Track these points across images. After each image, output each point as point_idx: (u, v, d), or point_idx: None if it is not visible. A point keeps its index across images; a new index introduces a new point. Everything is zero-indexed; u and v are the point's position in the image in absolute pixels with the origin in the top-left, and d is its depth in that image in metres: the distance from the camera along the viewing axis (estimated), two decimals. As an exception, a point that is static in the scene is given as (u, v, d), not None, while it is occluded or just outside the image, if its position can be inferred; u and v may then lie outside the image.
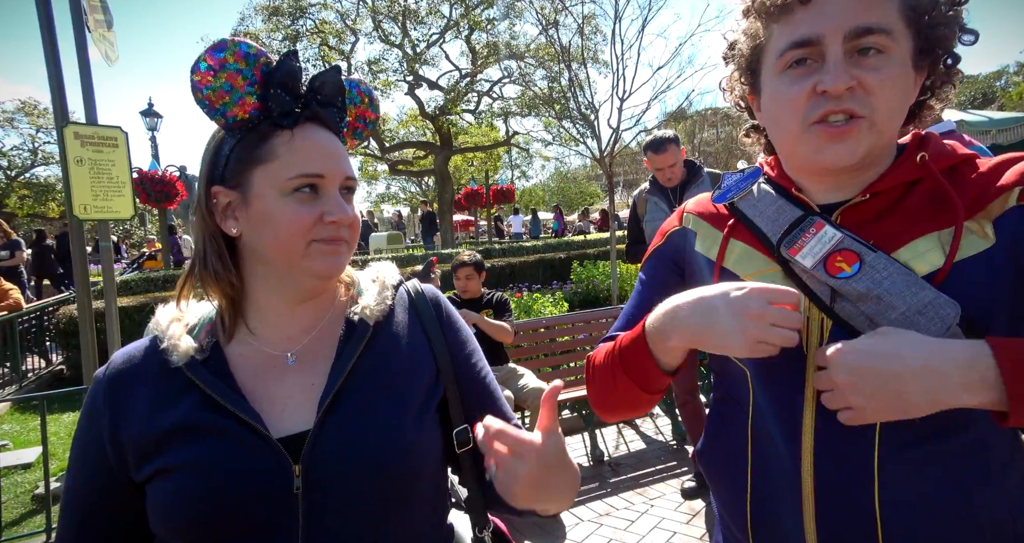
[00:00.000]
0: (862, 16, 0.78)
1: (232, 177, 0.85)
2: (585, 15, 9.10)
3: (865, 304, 0.79)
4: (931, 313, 0.75)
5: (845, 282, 0.80)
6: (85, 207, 3.78)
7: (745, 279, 0.91)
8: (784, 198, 0.93)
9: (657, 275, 1.09)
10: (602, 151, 7.57)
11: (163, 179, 10.34)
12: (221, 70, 0.81)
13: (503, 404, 0.99)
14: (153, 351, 0.86)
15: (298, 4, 17.81)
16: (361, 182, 29.38)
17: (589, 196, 37.80)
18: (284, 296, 0.89)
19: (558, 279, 10.73)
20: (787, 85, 0.84)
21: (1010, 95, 25.38)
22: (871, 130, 0.80)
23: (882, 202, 0.85)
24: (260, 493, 0.78)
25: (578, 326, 4.87)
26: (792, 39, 0.82)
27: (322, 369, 0.88)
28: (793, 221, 0.88)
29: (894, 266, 0.78)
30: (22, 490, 4.19)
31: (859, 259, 0.80)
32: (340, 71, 0.90)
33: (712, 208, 1.03)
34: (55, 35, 3.69)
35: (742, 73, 0.94)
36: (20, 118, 27.03)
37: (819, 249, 0.84)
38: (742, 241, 0.95)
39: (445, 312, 1.00)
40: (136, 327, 6.36)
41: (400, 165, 22.57)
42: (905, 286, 0.77)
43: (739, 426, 0.94)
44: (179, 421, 0.80)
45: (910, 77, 0.82)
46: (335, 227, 0.84)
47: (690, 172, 3.57)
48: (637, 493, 3.56)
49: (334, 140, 0.88)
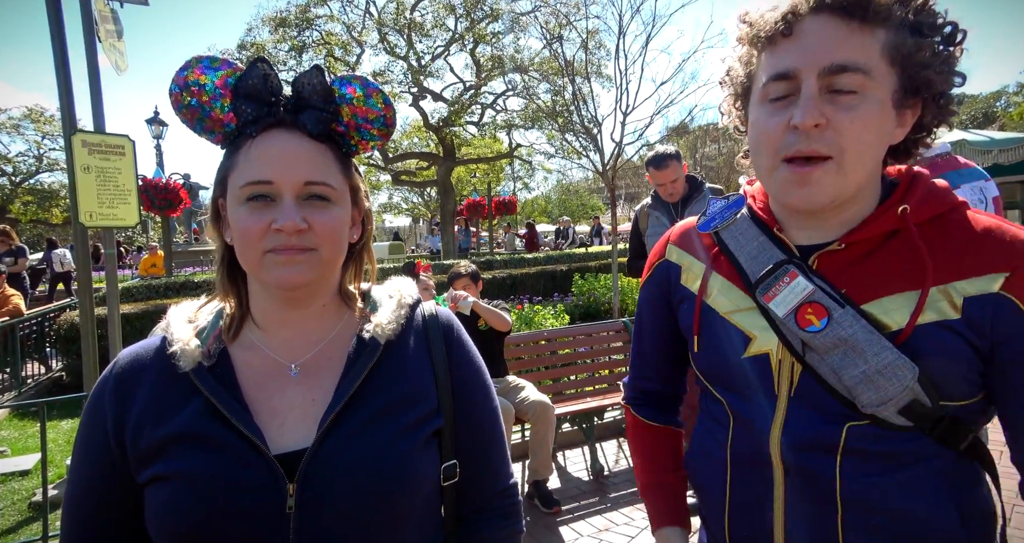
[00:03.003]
0: (839, 54, 0.77)
1: (222, 187, 0.86)
2: (589, 30, 9.18)
3: (831, 357, 0.83)
4: (890, 374, 0.78)
5: (813, 336, 0.83)
6: (91, 214, 3.80)
7: (724, 316, 0.95)
8: (766, 234, 0.94)
9: (651, 306, 1.14)
10: (605, 164, 7.61)
11: (167, 187, 10.39)
12: (186, 88, 0.82)
13: (494, 449, 0.98)
14: (161, 352, 0.86)
15: (305, 16, 17.97)
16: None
17: (591, 209, 37.87)
18: (275, 303, 0.89)
19: (559, 291, 10.72)
20: (767, 116, 0.84)
21: (1011, 115, 25.50)
22: (838, 172, 0.80)
23: (859, 249, 0.86)
24: (252, 510, 0.77)
25: (579, 339, 4.86)
26: (772, 71, 0.82)
27: (326, 385, 0.87)
28: (769, 268, 0.90)
29: (859, 324, 0.81)
30: (19, 497, 4.17)
31: (828, 314, 0.83)
32: (321, 72, 0.86)
33: (696, 237, 1.05)
34: (65, 44, 3.74)
35: (736, 98, 0.95)
36: (26, 125, 27.21)
37: (791, 300, 0.86)
38: (723, 276, 0.97)
39: (456, 342, 0.97)
40: (137, 334, 6.36)
41: (403, 175, 22.63)
42: (868, 345, 0.80)
43: (720, 444, 0.97)
44: (181, 428, 0.80)
45: (888, 117, 0.81)
46: (283, 236, 0.80)
47: (692, 187, 3.60)
48: (637, 508, 3.54)
49: (303, 144, 0.83)
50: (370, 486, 0.80)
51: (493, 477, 0.98)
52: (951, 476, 0.83)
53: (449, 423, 0.91)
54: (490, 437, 0.98)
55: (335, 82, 0.87)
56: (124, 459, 0.82)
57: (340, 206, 0.86)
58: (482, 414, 0.97)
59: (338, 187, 0.86)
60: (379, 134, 0.91)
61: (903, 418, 0.80)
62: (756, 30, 0.84)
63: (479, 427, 0.96)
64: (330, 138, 0.87)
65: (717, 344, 0.96)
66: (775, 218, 0.93)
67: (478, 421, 0.96)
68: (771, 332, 0.89)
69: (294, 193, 0.81)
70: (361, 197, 0.92)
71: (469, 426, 0.94)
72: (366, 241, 0.96)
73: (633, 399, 1.22)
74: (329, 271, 0.88)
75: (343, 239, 0.88)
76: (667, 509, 1.13)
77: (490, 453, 0.97)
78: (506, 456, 1.02)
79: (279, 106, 0.84)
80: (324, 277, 0.88)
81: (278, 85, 0.85)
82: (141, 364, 0.87)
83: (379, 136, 0.91)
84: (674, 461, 1.17)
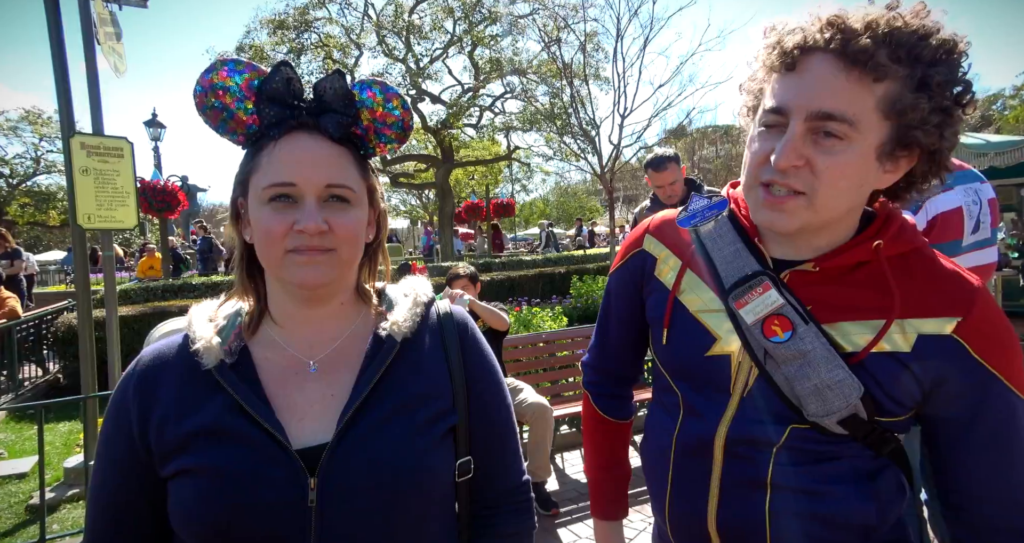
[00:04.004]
0: (829, 101, 0.78)
1: (243, 188, 0.88)
2: (587, 33, 9.21)
3: (787, 368, 0.88)
4: (838, 390, 0.85)
5: (776, 346, 0.89)
6: (89, 216, 3.80)
7: (693, 314, 0.99)
8: (743, 241, 0.97)
9: (621, 292, 1.17)
10: (603, 167, 7.63)
11: (165, 189, 10.37)
12: (211, 90, 0.84)
13: (507, 446, 1.00)
14: (184, 350, 0.88)
15: (303, 18, 17.99)
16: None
17: (589, 211, 37.92)
18: (293, 301, 0.90)
19: (557, 294, 10.73)
20: (758, 141, 0.87)
21: (1007, 119, 25.59)
22: (808, 208, 0.83)
23: (830, 273, 0.90)
24: (275, 503, 0.79)
25: (577, 341, 4.88)
26: (770, 102, 0.84)
27: (344, 381, 0.89)
28: (743, 276, 0.93)
29: (819, 341, 0.86)
30: (16, 500, 4.16)
31: (792, 328, 0.88)
32: (343, 76, 0.88)
33: (675, 230, 1.07)
34: (64, 46, 3.73)
35: (748, 110, 0.96)
36: (24, 127, 27.16)
37: (761, 309, 0.90)
38: (697, 275, 1.01)
39: (469, 340, 0.99)
40: (136, 336, 6.35)
41: (401, 178, 22.65)
42: (823, 362, 0.86)
43: (668, 431, 1.04)
44: (205, 424, 0.82)
45: (869, 167, 0.82)
46: (305, 236, 0.82)
47: (690, 189, 3.61)
48: (636, 510, 3.54)
49: (324, 147, 0.85)
50: (388, 481, 0.82)
51: (506, 474, 1.00)
52: (872, 472, 0.91)
53: (463, 420, 0.93)
54: (503, 434, 1.00)
55: (355, 86, 0.90)
56: (149, 455, 0.84)
57: (359, 207, 0.88)
58: (496, 412, 0.99)
59: (357, 189, 0.88)
60: (396, 137, 0.93)
61: (840, 428, 0.87)
62: (770, 54, 0.86)
63: (493, 424, 0.98)
64: (349, 141, 0.89)
65: (683, 339, 1.00)
66: (757, 228, 0.96)
67: (492, 419, 0.98)
68: (735, 335, 0.94)
69: (316, 195, 0.84)
70: (377, 198, 0.94)
71: (483, 423, 0.96)
72: (381, 240, 0.99)
73: (593, 384, 1.27)
74: (347, 270, 0.91)
75: (361, 240, 0.90)
76: (607, 501, 1.26)
77: (503, 450, 0.99)
78: (519, 453, 1.03)
79: (301, 109, 0.86)
80: (342, 276, 0.90)
81: (300, 88, 0.87)
82: (164, 362, 0.89)
83: (396, 139, 0.94)
84: (621, 453, 1.27)
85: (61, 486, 4.20)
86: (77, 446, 4.89)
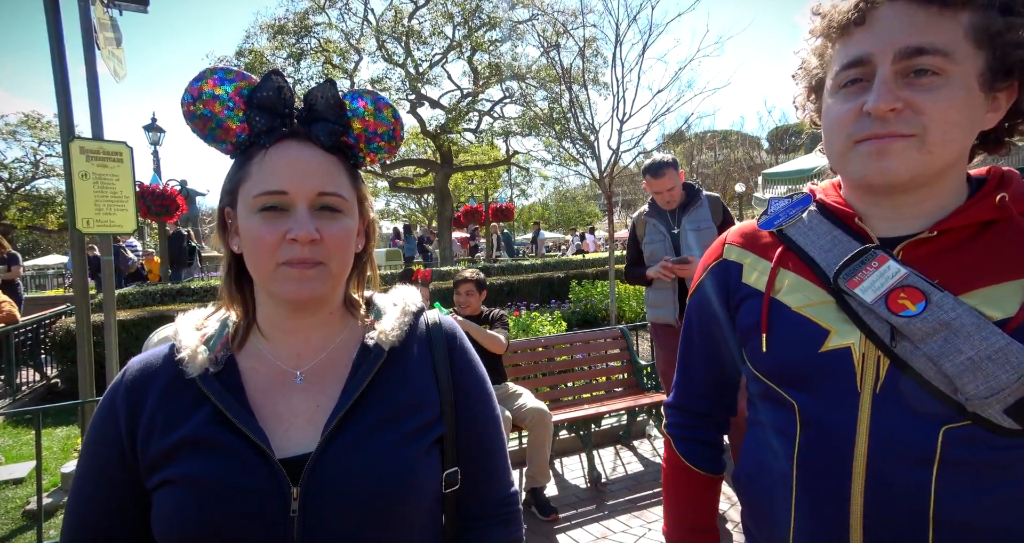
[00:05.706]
0: (915, 36, 0.73)
1: (231, 197, 0.87)
2: (586, 38, 9.24)
3: (928, 345, 0.75)
4: (1002, 359, 0.70)
5: (908, 321, 0.75)
6: (88, 221, 3.80)
7: (796, 311, 0.87)
8: (840, 228, 0.87)
9: (704, 317, 1.05)
10: (602, 172, 7.65)
11: (164, 193, 10.39)
12: (199, 98, 0.83)
13: (495, 458, 0.99)
14: (170, 360, 0.88)
15: (303, 23, 18.03)
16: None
17: (588, 215, 37.96)
18: (281, 312, 0.90)
19: (556, 298, 10.73)
20: (839, 104, 0.80)
21: None
22: (920, 150, 0.75)
23: (949, 240, 0.80)
24: (257, 513, 0.78)
25: (576, 346, 4.86)
26: (845, 59, 0.79)
27: (329, 391, 0.88)
28: (854, 253, 0.83)
29: (963, 307, 0.74)
30: (13, 506, 4.14)
31: (925, 298, 0.76)
32: (334, 85, 0.88)
33: (757, 236, 0.99)
34: (64, 51, 3.75)
35: (809, 92, 0.91)
36: (23, 131, 27.16)
37: (881, 284, 0.79)
38: (793, 271, 0.90)
39: (458, 350, 0.98)
40: (134, 341, 6.34)
41: (400, 182, 22.66)
42: (975, 328, 0.72)
43: (783, 456, 0.87)
44: (190, 434, 0.81)
45: (976, 101, 0.75)
46: (297, 247, 0.81)
47: (689, 195, 3.61)
48: (635, 516, 3.53)
49: (315, 155, 0.85)
50: (372, 491, 0.81)
51: (494, 485, 0.99)
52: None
53: (451, 431, 0.92)
54: (491, 445, 0.98)
55: (347, 96, 0.90)
56: (135, 465, 0.83)
57: (349, 216, 0.88)
58: (484, 423, 0.97)
59: (348, 198, 0.87)
60: (386, 147, 0.93)
61: (1010, 419, 0.71)
62: (828, 20, 0.81)
63: (480, 435, 0.96)
64: (340, 150, 0.89)
65: (790, 340, 0.87)
66: (854, 210, 0.87)
67: (479, 429, 0.96)
68: (851, 325, 0.81)
69: (308, 203, 0.83)
70: (367, 207, 0.93)
71: (470, 434, 0.95)
72: (369, 250, 0.98)
73: (675, 426, 1.11)
74: (338, 283, 0.90)
75: (351, 250, 0.89)
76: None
77: (491, 461, 0.98)
78: (507, 465, 1.02)
79: (292, 118, 0.86)
80: (333, 289, 0.89)
81: (291, 97, 0.86)
82: (151, 372, 0.88)
83: (386, 149, 0.94)
84: (710, 515, 1.09)
85: (58, 491, 4.18)
86: (75, 451, 4.87)
